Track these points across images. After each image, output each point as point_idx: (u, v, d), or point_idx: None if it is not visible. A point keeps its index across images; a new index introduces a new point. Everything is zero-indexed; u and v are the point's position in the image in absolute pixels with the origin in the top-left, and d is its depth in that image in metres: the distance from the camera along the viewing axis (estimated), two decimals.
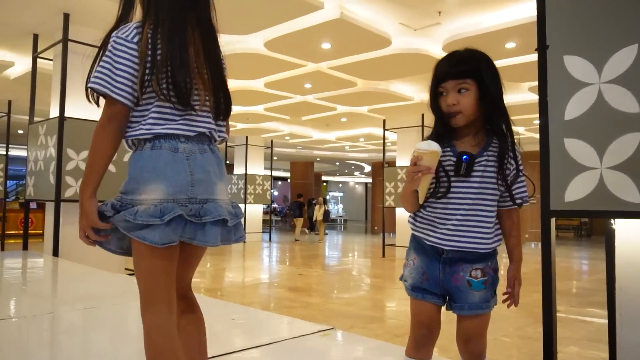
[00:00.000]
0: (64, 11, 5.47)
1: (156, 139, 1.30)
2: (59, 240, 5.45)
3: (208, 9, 1.50)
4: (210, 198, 1.33)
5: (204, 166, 1.33)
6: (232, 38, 6.35)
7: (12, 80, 8.31)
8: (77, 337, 2.45)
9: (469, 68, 1.49)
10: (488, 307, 1.51)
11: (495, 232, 1.51)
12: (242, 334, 2.63)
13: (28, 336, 2.51)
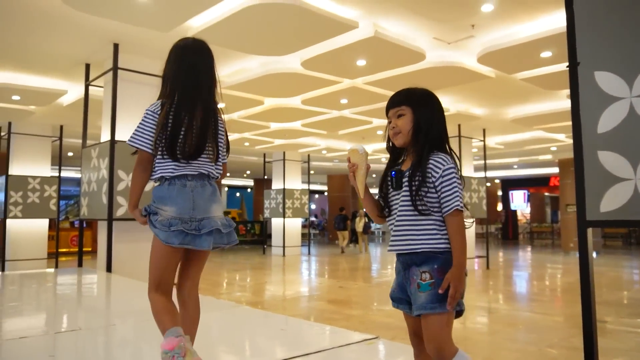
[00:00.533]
0: (114, 41, 5.82)
1: (171, 179, 1.97)
2: (111, 257, 5.75)
3: (210, 95, 2.10)
4: (206, 216, 1.94)
5: (202, 196, 1.97)
6: (270, 59, 6.58)
7: (65, 107, 8.80)
8: (129, 350, 2.62)
9: (404, 97, 1.83)
10: (434, 308, 1.59)
11: (432, 236, 1.65)
12: (288, 343, 2.76)
13: (84, 348, 2.70)
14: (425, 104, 1.78)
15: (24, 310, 3.84)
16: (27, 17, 5.24)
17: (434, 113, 1.77)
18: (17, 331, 3.07)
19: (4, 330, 3.19)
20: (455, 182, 1.66)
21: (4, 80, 7.44)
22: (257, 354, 2.53)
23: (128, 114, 5.98)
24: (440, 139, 1.74)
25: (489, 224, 17.04)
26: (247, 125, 10.56)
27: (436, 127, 1.74)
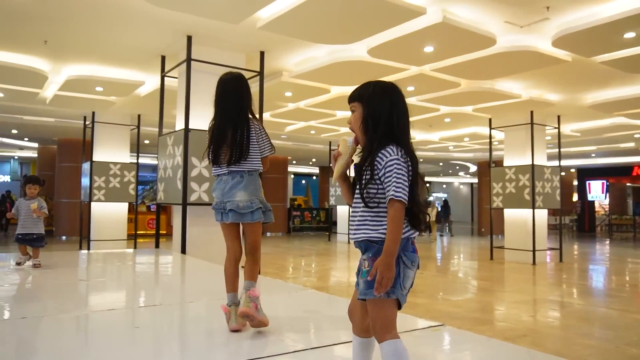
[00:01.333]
0: (187, 34, 6.08)
1: (216, 177, 2.68)
2: (186, 239, 6.07)
3: (238, 115, 2.65)
4: (229, 200, 2.56)
5: (229, 185, 2.58)
6: (337, 47, 6.62)
7: (142, 97, 9.30)
8: (202, 326, 2.78)
9: (357, 93, 1.84)
10: (366, 295, 1.63)
11: (372, 225, 1.68)
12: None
13: (162, 322, 2.90)
14: (376, 100, 1.76)
15: (109, 285, 4.16)
16: (109, 13, 5.58)
17: (383, 108, 1.74)
18: (104, 304, 3.35)
19: (93, 302, 3.49)
20: (395, 173, 1.63)
21: (89, 73, 7.97)
22: (322, 337, 2.62)
23: (201, 104, 6.24)
24: (391, 134, 1.72)
25: (563, 215, 16.28)
26: (313, 113, 10.68)
27: (387, 122, 1.72)
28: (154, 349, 2.36)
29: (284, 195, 20.33)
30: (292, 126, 12.94)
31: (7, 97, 9.44)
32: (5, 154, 22.53)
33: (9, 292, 3.64)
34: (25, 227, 4.22)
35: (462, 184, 36.82)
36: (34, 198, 4.26)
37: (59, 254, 6.32)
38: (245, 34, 6.04)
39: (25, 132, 15.33)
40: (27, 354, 2.23)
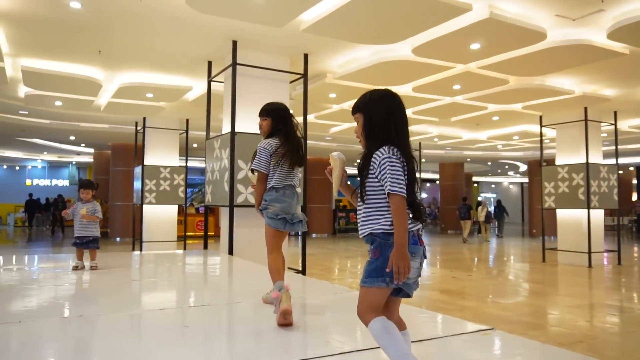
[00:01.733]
0: (233, 39, 6.19)
1: (274, 187, 2.98)
2: (233, 241, 6.18)
3: (292, 129, 3.11)
4: (296, 212, 3.03)
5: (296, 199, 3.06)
6: (381, 47, 6.58)
7: (190, 102, 9.55)
8: (250, 326, 2.81)
9: (356, 105, 1.99)
10: (363, 283, 1.79)
11: (373, 220, 1.82)
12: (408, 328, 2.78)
13: (211, 321, 2.96)
14: (373, 107, 1.90)
15: (160, 285, 4.29)
16: (158, 22, 5.76)
17: (380, 114, 1.88)
18: (156, 303, 3.45)
19: (145, 301, 3.60)
20: (389, 169, 1.76)
21: (140, 80, 8.25)
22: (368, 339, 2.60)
23: (247, 107, 6.34)
24: (388, 137, 1.84)
25: (621, 216, 15.53)
26: None
27: (383, 127, 1.85)
28: (203, 348, 2.41)
29: (329, 196, 20.37)
30: (336, 127, 12.95)
31: (65, 105, 9.90)
32: (64, 160, 23.66)
33: (68, 292, 3.81)
34: (81, 230, 4.40)
35: (511, 184, 35.78)
36: (88, 202, 4.44)
37: (113, 255, 6.57)
38: (289, 37, 6.10)
39: (81, 139, 16.05)
40: (85, 351, 2.32)
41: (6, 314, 2.95)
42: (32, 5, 5.30)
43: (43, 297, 3.54)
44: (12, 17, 5.65)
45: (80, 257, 4.55)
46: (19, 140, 16.44)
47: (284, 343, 2.43)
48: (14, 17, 5.63)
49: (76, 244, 4.45)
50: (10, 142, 17.26)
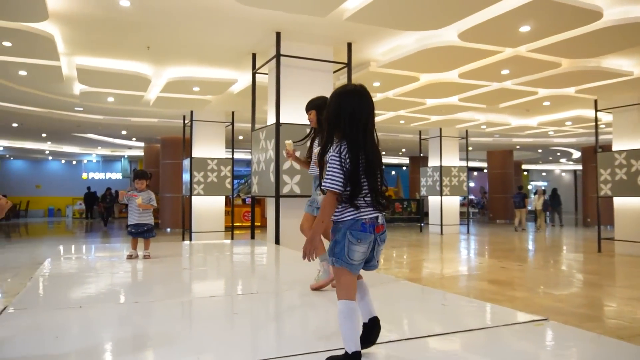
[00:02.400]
0: (276, 30, 6.22)
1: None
2: (279, 230, 6.25)
3: None
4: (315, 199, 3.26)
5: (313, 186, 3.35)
6: (426, 34, 6.45)
7: (235, 94, 9.69)
8: (297, 314, 2.84)
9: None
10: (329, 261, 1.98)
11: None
12: (447, 318, 2.75)
13: (259, 309, 3.00)
14: (328, 106, 2.04)
15: (209, 274, 4.40)
16: (203, 16, 5.86)
17: (331, 112, 2.00)
18: (206, 291, 3.54)
19: (196, 289, 3.71)
20: (329, 166, 1.91)
21: (186, 74, 8.44)
22: (415, 328, 2.58)
23: (291, 98, 6.38)
24: (339, 132, 1.96)
25: None
26: (402, 102, 10.51)
27: (333, 124, 1.98)
28: (252, 335, 2.46)
29: None
30: (381, 116, 12.83)
31: (117, 101, 10.26)
32: (116, 154, 24.58)
33: (123, 279, 3.97)
34: (137, 218, 4.57)
35: (564, 172, 34.48)
36: (143, 191, 4.60)
37: (164, 245, 6.78)
38: (332, 26, 6.07)
39: (132, 133, 16.61)
40: (140, 336, 2.42)
41: (68, 299, 3.10)
42: (85, 5, 5.50)
43: (100, 284, 3.70)
44: (67, 18, 5.89)
45: (134, 247, 4.72)
46: (75, 135, 17.18)
47: (330, 330, 2.44)
48: (68, 17, 5.87)
49: (131, 232, 4.62)
50: (67, 138, 18.07)
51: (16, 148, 20.68)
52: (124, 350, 2.17)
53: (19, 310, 2.74)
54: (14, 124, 14.12)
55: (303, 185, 6.30)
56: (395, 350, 2.13)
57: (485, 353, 2.15)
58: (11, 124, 14.10)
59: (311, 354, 2.06)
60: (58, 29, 6.30)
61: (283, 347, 2.21)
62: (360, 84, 2.05)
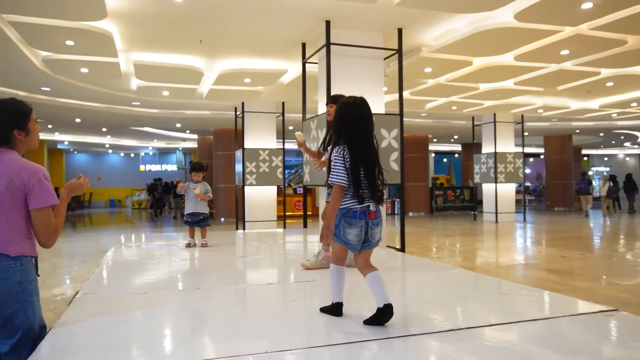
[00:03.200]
0: (326, 19, 6.19)
1: None
2: None
3: None
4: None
5: None
6: (479, 16, 6.25)
7: (285, 85, 9.76)
8: (350, 303, 2.82)
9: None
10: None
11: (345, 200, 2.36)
12: (505, 308, 2.68)
13: (313, 296, 3.03)
14: (335, 113, 2.47)
15: (264, 262, 4.48)
16: (253, 7, 5.91)
17: (337, 119, 2.44)
18: (262, 279, 3.61)
19: (252, 277, 3.79)
20: (334, 165, 2.32)
21: (238, 66, 8.57)
22: (470, 317, 2.53)
23: (342, 86, 6.35)
24: (341, 137, 2.37)
25: None
26: (454, 88, 10.26)
27: (337, 130, 2.40)
28: (307, 322, 2.49)
29: (425, 174, 19.95)
30: (432, 103, 12.59)
31: (172, 94, 10.56)
32: (171, 146, 25.38)
33: (182, 267, 4.11)
34: (194, 208, 4.71)
35: (628, 156, 32.70)
36: (199, 182, 4.74)
37: (219, 234, 6.96)
38: (382, 12, 5.99)
39: (186, 125, 17.09)
40: (202, 320, 2.50)
41: (133, 285, 3.24)
42: (141, 2, 5.68)
43: (162, 271, 3.85)
44: (124, 16, 6.10)
45: (192, 235, 4.87)
46: (133, 129, 17.87)
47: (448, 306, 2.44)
48: (126, 15, 6.08)
49: (187, 222, 4.77)
50: (125, 132, 18.82)
51: (79, 142, 21.75)
52: (188, 334, 2.25)
53: (90, 295, 2.89)
54: (77, 119, 14.83)
55: None
56: (448, 340, 2.10)
57: (548, 344, 2.08)
58: (74, 120, 14.83)
59: (363, 342, 2.06)
60: (116, 27, 6.54)
61: (336, 335, 2.22)
62: (360, 97, 2.45)
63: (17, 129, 2.15)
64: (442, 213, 20.09)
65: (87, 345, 2.05)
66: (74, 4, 5.40)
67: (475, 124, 15.64)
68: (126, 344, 2.08)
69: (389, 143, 6.42)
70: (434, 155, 30.20)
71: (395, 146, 6.45)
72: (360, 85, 6.49)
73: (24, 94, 11.22)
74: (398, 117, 6.47)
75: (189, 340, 2.14)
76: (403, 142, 6.50)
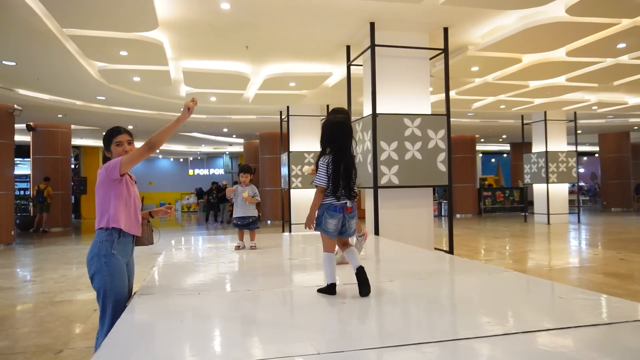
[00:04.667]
0: (370, 20, 6.19)
1: None
2: (378, 221, 6.25)
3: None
4: None
5: None
6: (529, 11, 6.08)
7: (330, 87, 9.80)
8: (398, 306, 2.81)
9: None
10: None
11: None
12: (564, 312, 2.58)
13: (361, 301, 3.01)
14: (322, 130, 2.94)
15: (311, 264, 4.50)
16: (298, 11, 5.98)
17: (323, 134, 2.90)
18: (310, 280, 3.63)
19: (301, 279, 3.82)
20: (319, 171, 2.83)
21: (283, 71, 8.67)
22: (522, 322, 2.45)
23: (387, 88, 6.34)
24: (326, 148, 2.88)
25: None
26: (502, 86, 10.01)
27: (322, 142, 2.90)
28: (357, 324, 2.49)
29: (473, 175, 19.55)
30: (479, 102, 12.33)
31: (219, 100, 10.81)
32: (219, 150, 25.96)
33: (232, 269, 4.19)
34: (243, 211, 4.79)
35: None
36: (247, 185, 4.82)
37: (266, 236, 7.04)
38: (427, 12, 5.93)
39: (233, 130, 17.43)
40: (255, 321, 2.55)
41: (187, 286, 3.34)
42: (189, 11, 5.85)
43: (213, 272, 3.94)
44: (174, 25, 6.30)
45: (241, 238, 4.96)
46: (182, 135, 18.38)
47: (432, 322, 2.41)
48: (175, 24, 6.28)
49: (237, 225, 4.86)
50: (175, 137, 19.39)
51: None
52: (239, 334, 2.30)
53: (147, 295, 3.00)
54: (129, 126, 15.40)
55: (401, 175, 6.24)
56: (499, 345, 2.05)
57: (608, 351, 1.99)
58: (127, 126, 15.39)
59: (413, 345, 2.04)
60: (166, 36, 6.76)
61: (387, 337, 2.21)
62: (342, 115, 3.12)
63: (105, 149, 3.12)
64: (491, 214, 19.61)
65: (144, 344, 2.14)
66: (128, 16, 5.63)
67: (524, 122, 15.20)
68: (182, 343, 2.14)
69: (435, 144, 6.34)
70: (481, 156, 29.53)
71: (442, 147, 6.36)
72: (406, 87, 6.45)
73: (81, 103, 11.78)
74: (444, 117, 6.38)
75: (241, 341, 2.19)
76: (450, 143, 6.40)
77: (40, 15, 5.86)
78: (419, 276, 3.57)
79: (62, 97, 11.14)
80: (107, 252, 2.90)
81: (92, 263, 2.91)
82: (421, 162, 6.33)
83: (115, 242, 2.93)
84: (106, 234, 2.92)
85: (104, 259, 2.89)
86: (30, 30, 6.33)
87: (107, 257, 2.89)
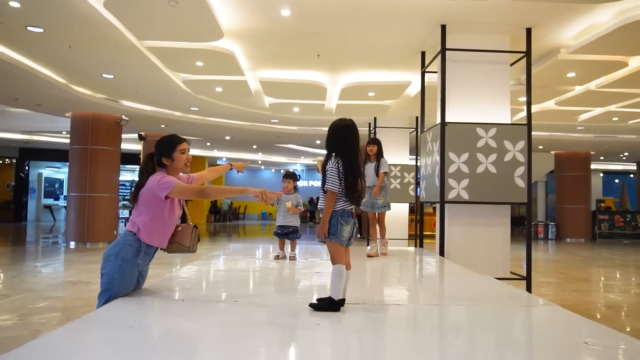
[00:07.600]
0: (441, 23, 5.76)
1: None
2: (444, 240, 5.73)
3: None
4: None
5: None
6: (628, 5, 5.26)
7: (412, 97, 9.37)
8: (463, 335, 2.46)
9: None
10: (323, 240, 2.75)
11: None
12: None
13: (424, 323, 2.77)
14: (328, 133, 2.85)
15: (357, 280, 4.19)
16: (368, 17, 5.75)
17: (330, 137, 2.81)
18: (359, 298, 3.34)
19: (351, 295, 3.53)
20: (329, 174, 2.69)
21: (359, 80, 8.44)
22: None
23: (461, 95, 5.85)
24: (335, 151, 2.76)
25: None
26: (610, 95, 8.82)
27: (331, 146, 2.79)
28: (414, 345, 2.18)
29: (587, 195, 17.67)
30: (586, 114, 11.08)
31: (302, 111, 10.85)
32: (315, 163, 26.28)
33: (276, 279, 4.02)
34: (284, 220, 4.63)
35: None
36: (290, 193, 4.65)
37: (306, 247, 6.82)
38: (506, 11, 5.37)
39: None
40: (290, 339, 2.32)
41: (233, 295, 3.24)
42: (252, 20, 5.86)
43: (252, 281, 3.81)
44: (241, 34, 6.36)
45: (281, 247, 4.80)
46: (278, 146, 18.84)
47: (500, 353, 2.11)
48: (242, 33, 6.33)
49: (277, 233, 4.70)
50: (272, 149, 19.95)
51: (235, 159, 23.63)
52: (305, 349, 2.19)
53: (189, 300, 3.02)
54: (226, 137, 16.10)
55: (472, 190, 5.68)
56: None
57: None
58: (224, 137, 16.11)
59: None
60: (238, 46, 6.86)
61: None
62: (349, 119, 2.88)
63: (164, 156, 3.06)
64: (607, 240, 17.55)
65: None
66: (193, 27, 5.78)
67: None
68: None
69: (513, 156, 5.70)
70: (602, 175, 26.75)
71: (522, 160, 5.70)
72: (482, 94, 5.90)
73: (179, 114, 12.50)
74: (525, 127, 5.72)
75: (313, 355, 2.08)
76: (530, 156, 5.72)
77: (121, 29, 6.22)
78: (483, 305, 3.13)
79: (161, 108, 11.90)
80: (126, 257, 2.88)
81: (109, 260, 2.89)
82: (496, 177, 5.72)
83: (142, 252, 2.93)
84: (134, 239, 2.91)
85: (120, 262, 2.86)
86: (116, 44, 6.77)
87: (124, 261, 2.87)
